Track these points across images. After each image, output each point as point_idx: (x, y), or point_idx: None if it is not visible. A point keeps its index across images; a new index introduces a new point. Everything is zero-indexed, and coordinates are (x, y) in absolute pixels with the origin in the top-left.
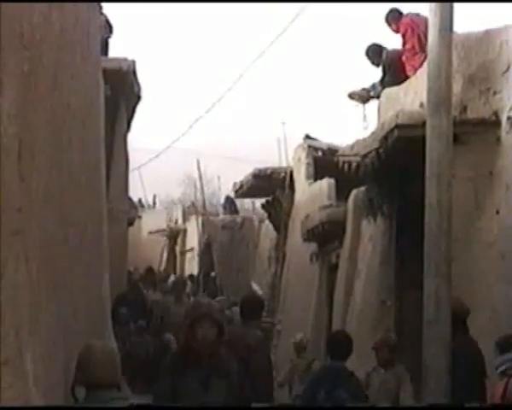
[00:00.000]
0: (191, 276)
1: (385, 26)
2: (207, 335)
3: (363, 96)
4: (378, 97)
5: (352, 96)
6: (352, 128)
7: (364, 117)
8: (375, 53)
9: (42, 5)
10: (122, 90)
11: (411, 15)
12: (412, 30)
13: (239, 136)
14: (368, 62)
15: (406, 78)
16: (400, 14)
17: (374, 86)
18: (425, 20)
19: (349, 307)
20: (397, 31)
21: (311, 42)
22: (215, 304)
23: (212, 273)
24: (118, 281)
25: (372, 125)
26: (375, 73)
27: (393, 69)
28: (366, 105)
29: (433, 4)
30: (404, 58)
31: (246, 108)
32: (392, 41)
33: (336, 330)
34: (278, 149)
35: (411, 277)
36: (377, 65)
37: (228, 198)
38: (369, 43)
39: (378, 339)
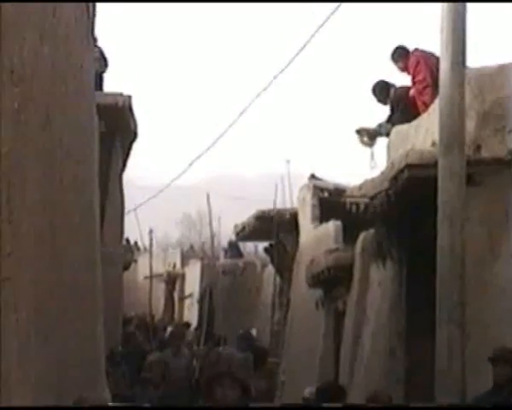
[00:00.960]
0: (187, 324)
1: (392, 62)
2: (228, 396)
3: (371, 134)
4: (387, 135)
5: (359, 132)
6: (360, 168)
7: (372, 155)
8: (382, 90)
9: (33, 39)
10: (117, 126)
11: (421, 50)
12: (425, 61)
13: (241, 174)
14: (375, 100)
15: (416, 115)
16: (407, 51)
17: (380, 126)
18: (436, 57)
19: (357, 356)
20: (404, 68)
21: (317, 78)
22: (239, 358)
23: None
24: (112, 328)
25: (380, 164)
26: (384, 110)
27: (402, 106)
28: (374, 144)
29: (445, 37)
30: (413, 91)
31: (248, 146)
32: (400, 78)
33: (327, 381)
34: (282, 188)
35: (423, 324)
36: (384, 103)
37: (231, 243)
38: (375, 79)
39: (370, 394)
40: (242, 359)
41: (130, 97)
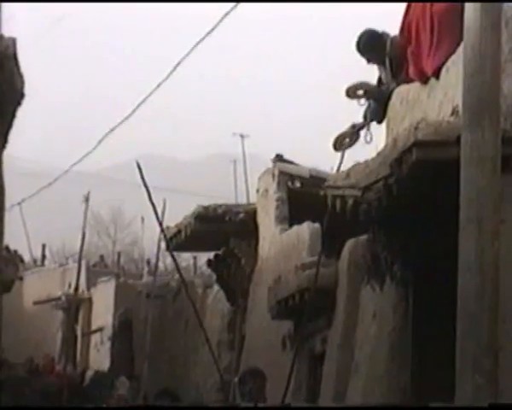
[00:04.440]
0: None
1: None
2: None
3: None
4: (387, 100)
5: (354, 90)
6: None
7: (368, 121)
8: (370, 44)
9: None
10: None
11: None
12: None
13: (173, 155)
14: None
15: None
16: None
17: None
18: None
19: None
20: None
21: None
22: None
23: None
24: None
25: (378, 140)
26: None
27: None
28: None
29: None
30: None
31: (182, 116)
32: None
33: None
34: (234, 176)
35: (436, 376)
36: (376, 61)
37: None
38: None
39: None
40: None
41: (14, 41)
